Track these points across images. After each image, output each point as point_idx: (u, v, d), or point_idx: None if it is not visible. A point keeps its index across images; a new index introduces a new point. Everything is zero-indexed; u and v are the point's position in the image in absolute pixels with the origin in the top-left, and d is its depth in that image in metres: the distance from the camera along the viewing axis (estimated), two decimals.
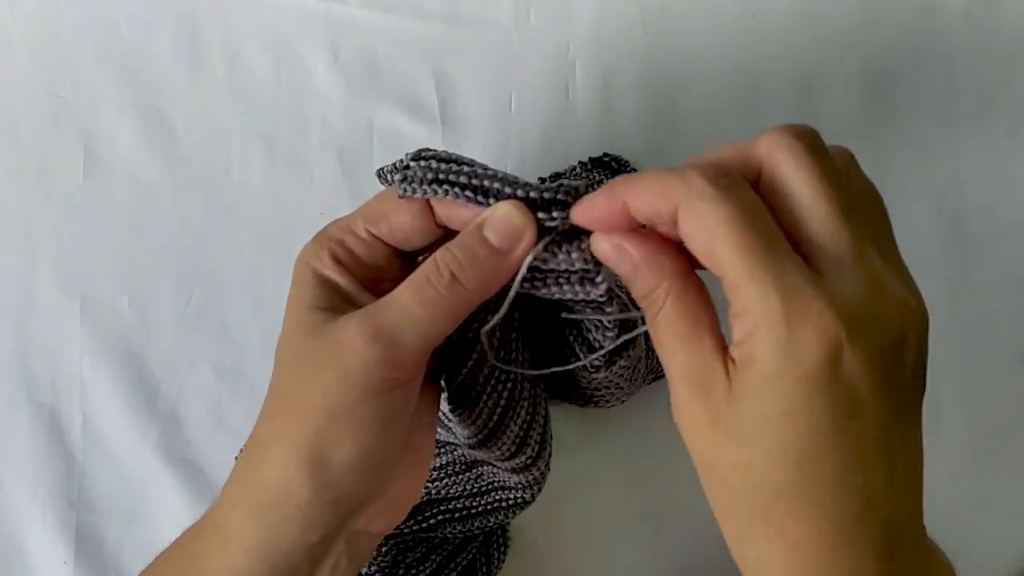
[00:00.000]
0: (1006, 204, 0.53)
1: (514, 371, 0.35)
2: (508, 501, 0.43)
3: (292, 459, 0.29)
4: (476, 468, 0.44)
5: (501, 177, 0.30)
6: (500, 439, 0.36)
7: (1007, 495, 0.50)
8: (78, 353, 0.50)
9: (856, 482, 0.26)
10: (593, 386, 0.41)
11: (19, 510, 0.48)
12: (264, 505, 0.29)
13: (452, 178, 0.30)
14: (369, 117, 0.53)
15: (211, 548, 0.30)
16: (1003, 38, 0.54)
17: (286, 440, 0.29)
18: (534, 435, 0.37)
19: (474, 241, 0.29)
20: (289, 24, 0.54)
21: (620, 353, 0.36)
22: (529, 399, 0.36)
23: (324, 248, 0.31)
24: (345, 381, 0.28)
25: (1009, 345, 0.51)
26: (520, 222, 0.29)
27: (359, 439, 0.29)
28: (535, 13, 0.54)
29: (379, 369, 0.28)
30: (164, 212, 0.52)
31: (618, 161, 0.51)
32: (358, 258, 0.31)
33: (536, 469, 0.39)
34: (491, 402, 0.34)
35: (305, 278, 0.31)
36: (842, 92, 0.53)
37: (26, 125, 0.53)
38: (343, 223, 0.32)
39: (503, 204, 0.29)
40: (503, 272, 0.29)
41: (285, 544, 0.29)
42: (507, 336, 0.34)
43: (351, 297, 0.31)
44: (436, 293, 0.29)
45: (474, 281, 0.29)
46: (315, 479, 0.29)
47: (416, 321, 0.29)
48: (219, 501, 0.31)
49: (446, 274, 0.29)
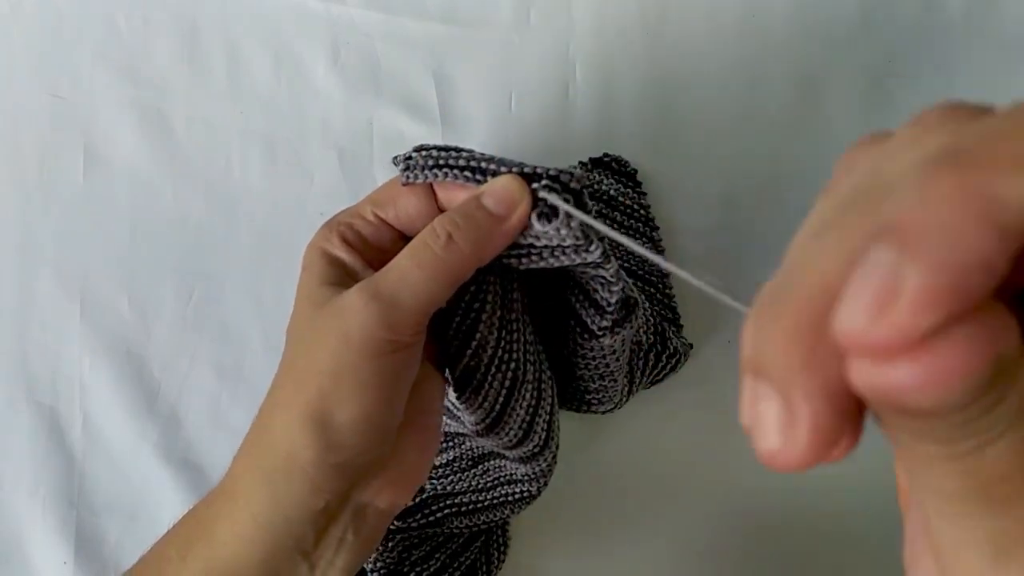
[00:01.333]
0: None
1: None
2: (514, 495, 0.43)
3: (297, 421, 0.30)
4: (483, 463, 0.44)
5: (498, 160, 0.31)
6: (507, 423, 0.36)
7: None
8: (78, 353, 0.50)
9: None
10: (591, 372, 0.41)
11: (19, 510, 0.48)
12: (271, 469, 0.30)
13: (452, 162, 0.31)
14: (369, 117, 0.53)
15: (221, 513, 0.31)
16: (1003, 38, 0.54)
17: (292, 404, 0.30)
18: (540, 421, 0.38)
19: (472, 207, 0.30)
20: (289, 24, 0.54)
21: (626, 320, 0.37)
22: (534, 383, 0.37)
23: (333, 231, 0.33)
24: (347, 343, 0.29)
25: None
26: (516, 190, 0.30)
27: (361, 399, 0.30)
28: (535, 13, 0.54)
29: (378, 329, 0.29)
30: (164, 212, 0.52)
31: (618, 161, 0.51)
32: (365, 239, 0.33)
33: (543, 459, 0.40)
34: (496, 383, 0.35)
35: (314, 259, 0.32)
36: (842, 92, 0.53)
37: (26, 125, 0.53)
38: (352, 209, 0.34)
39: (502, 176, 0.31)
40: (498, 237, 0.30)
41: (291, 509, 0.30)
42: (508, 316, 0.34)
43: (357, 274, 0.32)
44: (433, 255, 0.30)
45: (470, 242, 0.30)
46: (320, 440, 0.29)
47: (413, 282, 0.30)
48: (230, 470, 0.32)
49: (443, 235, 0.30)
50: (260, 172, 0.52)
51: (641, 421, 0.49)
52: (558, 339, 0.40)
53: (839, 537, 0.48)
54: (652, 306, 0.48)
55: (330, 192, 0.52)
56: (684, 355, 0.48)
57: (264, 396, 0.33)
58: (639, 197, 0.50)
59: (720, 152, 0.52)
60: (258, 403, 0.49)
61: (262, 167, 0.52)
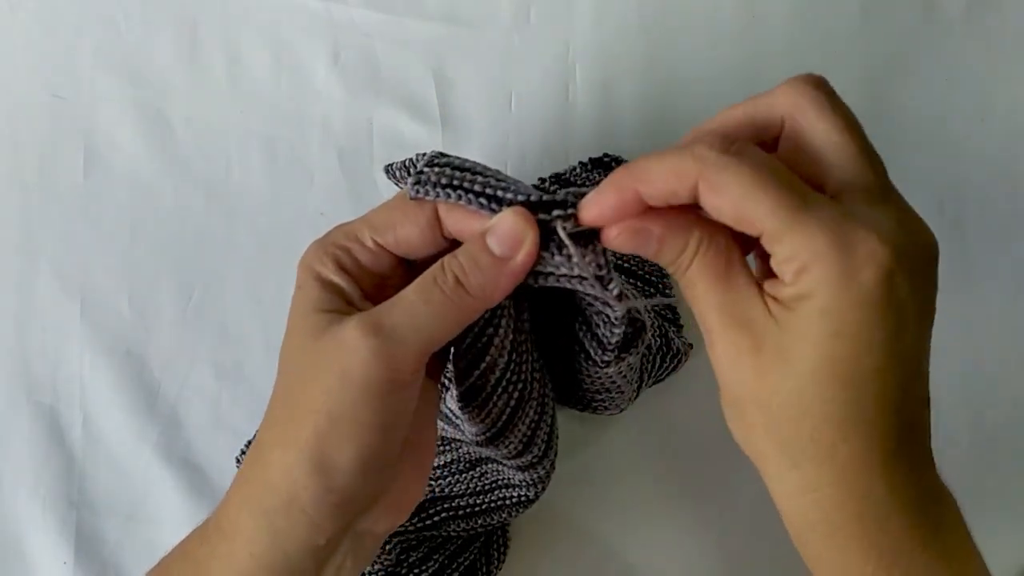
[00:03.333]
0: (1006, 204, 0.53)
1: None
2: (512, 499, 0.43)
3: (296, 463, 0.29)
4: (480, 466, 0.44)
5: (513, 187, 0.30)
6: (508, 438, 0.36)
7: (1007, 495, 0.50)
8: (78, 353, 0.50)
9: (900, 400, 0.27)
10: (596, 387, 0.41)
11: (19, 510, 0.48)
12: (270, 509, 0.29)
13: (466, 185, 0.30)
14: (369, 117, 0.53)
15: (217, 553, 0.30)
16: (1003, 38, 0.54)
17: (290, 443, 0.29)
18: (541, 435, 0.37)
19: (477, 249, 0.29)
20: (289, 24, 0.54)
21: (628, 349, 0.37)
22: (538, 399, 0.36)
23: (328, 255, 0.31)
24: (345, 381, 0.28)
25: (1009, 345, 0.51)
26: (520, 229, 0.29)
27: (361, 442, 0.29)
28: (535, 13, 0.54)
29: (378, 367, 0.28)
30: (164, 212, 0.52)
31: (618, 161, 0.51)
32: (363, 266, 0.31)
33: (541, 468, 0.39)
34: (501, 403, 0.34)
35: (309, 282, 0.31)
36: (842, 92, 0.53)
37: (26, 125, 0.53)
38: (348, 230, 0.32)
39: (506, 212, 0.29)
40: (506, 279, 0.30)
41: (292, 548, 0.29)
42: (519, 338, 0.34)
43: (355, 302, 0.31)
44: (442, 294, 0.29)
45: (477, 287, 0.29)
46: (319, 483, 0.29)
47: (419, 319, 0.29)
48: (224, 506, 0.31)
49: (450, 278, 0.29)
50: (260, 172, 0.52)
51: (642, 421, 0.49)
52: (565, 352, 0.39)
53: None
54: (652, 306, 0.48)
55: (330, 192, 0.52)
56: (685, 355, 0.48)
57: (264, 395, 0.32)
58: None
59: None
60: (258, 403, 0.49)
61: (262, 167, 0.52)
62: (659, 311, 0.48)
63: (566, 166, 0.51)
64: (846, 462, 0.28)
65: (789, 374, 0.27)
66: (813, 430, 0.27)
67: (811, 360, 0.27)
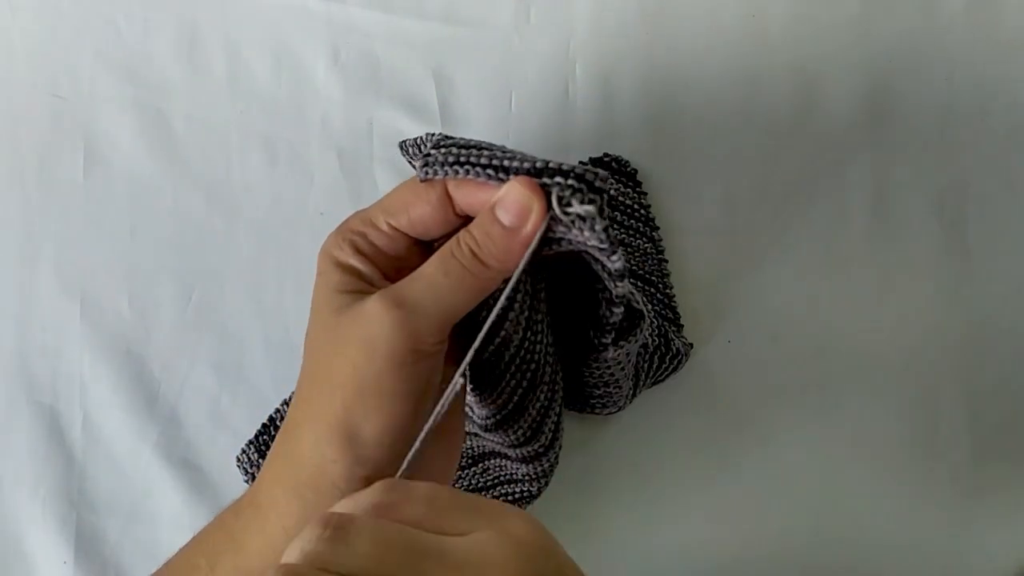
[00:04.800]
0: (1006, 204, 0.53)
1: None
2: (514, 495, 0.43)
3: (325, 436, 0.30)
4: (483, 462, 0.44)
5: (520, 156, 0.30)
6: (518, 422, 0.36)
7: (1007, 495, 0.50)
8: (78, 353, 0.50)
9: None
10: (595, 380, 0.41)
11: (19, 510, 0.48)
12: (301, 483, 0.31)
13: (472, 159, 0.30)
14: (369, 117, 0.53)
15: (251, 526, 0.32)
16: (1003, 38, 0.54)
17: (318, 418, 0.30)
18: (549, 422, 0.38)
19: (488, 222, 0.30)
20: (289, 24, 0.54)
21: (626, 336, 0.37)
22: (549, 384, 0.36)
23: (346, 240, 0.32)
24: (369, 353, 0.29)
25: (1009, 345, 0.51)
26: (527, 198, 0.29)
27: (387, 411, 0.30)
28: (535, 13, 0.54)
29: (401, 338, 0.29)
30: (164, 212, 0.52)
31: (618, 161, 0.51)
32: (379, 249, 0.32)
33: (546, 460, 0.39)
34: (513, 382, 0.34)
35: (328, 267, 0.32)
36: (842, 92, 0.53)
37: (26, 125, 0.53)
38: (364, 216, 0.33)
39: (512, 183, 0.30)
40: (518, 247, 0.30)
41: None
42: (535, 317, 0.34)
43: (374, 283, 0.32)
44: (460, 266, 0.30)
45: (492, 258, 0.30)
46: (348, 454, 0.30)
47: (439, 290, 0.30)
48: (258, 482, 0.33)
49: (466, 250, 0.30)
50: (260, 172, 0.52)
51: (641, 421, 0.49)
52: (567, 343, 0.39)
53: (838, 537, 0.48)
54: (653, 306, 0.48)
55: (330, 192, 0.52)
56: (685, 355, 0.48)
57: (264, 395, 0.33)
58: (639, 197, 0.50)
59: (720, 152, 0.52)
60: (258, 403, 0.49)
61: (262, 167, 0.52)
62: (659, 311, 0.48)
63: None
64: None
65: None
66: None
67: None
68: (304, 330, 0.47)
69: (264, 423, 0.48)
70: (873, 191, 0.52)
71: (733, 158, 0.52)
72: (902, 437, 0.50)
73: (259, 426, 0.48)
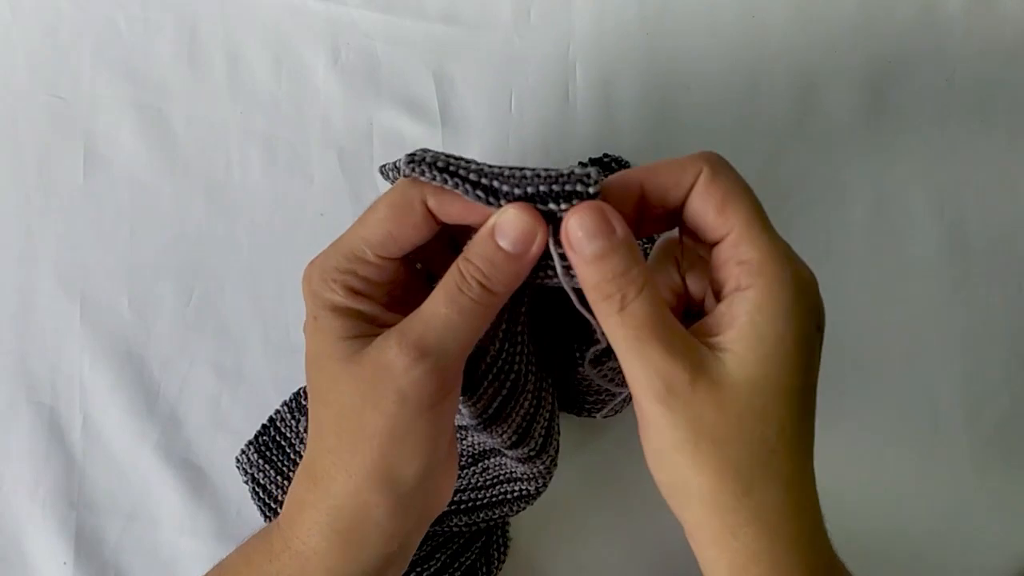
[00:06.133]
0: (1006, 205, 0.53)
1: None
2: (514, 493, 0.43)
3: (364, 486, 0.31)
4: (483, 461, 0.44)
5: (508, 176, 0.29)
6: (501, 427, 0.36)
7: (1007, 495, 0.50)
8: (78, 353, 0.50)
9: (811, 410, 0.31)
10: (585, 385, 0.41)
11: (19, 510, 0.48)
12: (344, 530, 0.31)
13: (462, 172, 0.29)
14: (369, 117, 0.53)
15: (289, 570, 0.32)
16: (1003, 38, 0.54)
17: (355, 469, 0.31)
18: (538, 427, 0.38)
19: (491, 250, 0.29)
20: (289, 24, 0.54)
21: (609, 355, 0.36)
22: (534, 392, 0.36)
23: (336, 282, 0.31)
24: (401, 402, 0.30)
25: (1009, 345, 0.51)
26: (529, 225, 0.29)
27: (422, 451, 0.31)
28: (535, 13, 0.54)
29: (431, 384, 0.30)
30: (164, 212, 0.52)
31: (618, 161, 0.51)
32: (372, 282, 0.32)
33: (541, 462, 0.39)
34: (492, 390, 0.35)
35: (324, 313, 0.31)
36: (842, 92, 0.53)
37: (26, 125, 0.53)
38: (347, 251, 0.31)
39: (509, 210, 0.29)
40: (524, 270, 0.30)
41: (366, 557, 0.32)
42: (513, 329, 0.34)
43: (377, 319, 0.31)
44: (470, 301, 0.30)
45: (500, 284, 0.30)
46: (391, 498, 0.31)
47: (456, 330, 0.30)
48: (288, 528, 0.33)
49: (474, 284, 0.30)
50: (260, 172, 0.52)
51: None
52: (561, 351, 0.39)
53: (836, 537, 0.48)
54: None
55: (330, 192, 0.52)
56: None
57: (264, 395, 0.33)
58: None
59: (719, 151, 0.52)
60: (258, 403, 0.49)
61: (262, 167, 0.52)
62: None
63: (565, 166, 0.51)
64: (790, 479, 0.30)
65: (754, 396, 0.29)
66: (769, 451, 0.29)
67: (770, 381, 0.29)
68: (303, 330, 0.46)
69: (264, 423, 0.48)
70: (873, 191, 0.52)
71: (733, 158, 0.51)
72: (902, 437, 0.50)
73: (259, 426, 0.48)
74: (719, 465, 0.29)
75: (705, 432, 0.29)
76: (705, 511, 0.30)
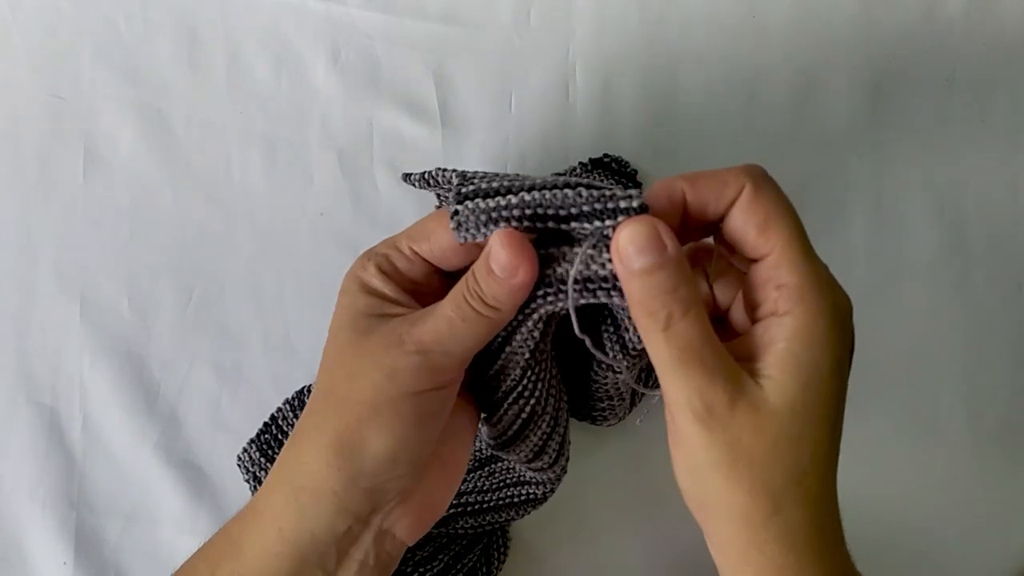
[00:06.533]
0: (1006, 205, 0.53)
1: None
2: (521, 497, 0.44)
3: (330, 446, 0.31)
4: (490, 465, 0.44)
5: (550, 200, 0.30)
6: (519, 447, 0.37)
7: (1007, 495, 0.50)
8: (78, 353, 0.50)
9: (840, 435, 0.32)
10: (600, 394, 0.41)
11: (19, 510, 0.48)
12: (300, 488, 0.31)
13: (505, 214, 0.30)
14: (369, 117, 0.53)
15: (248, 529, 0.33)
16: (1003, 38, 0.54)
17: (328, 429, 0.31)
18: (553, 444, 0.38)
19: (484, 272, 0.31)
20: (289, 24, 0.54)
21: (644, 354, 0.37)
22: (552, 414, 0.37)
23: (371, 260, 0.33)
24: (393, 380, 0.31)
25: (1009, 345, 0.51)
26: (505, 258, 0.30)
27: (397, 432, 0.31)
28: (535, 13, 0.54)
29: (426, 374, 0.31)
30: (164, 212, 0.52)
31: (618, 162, 0.51)
32: (400, 271, 0.33)
33: (552, 472, 0.40)
34: (511, 413, 0.35)
35: (353, 288, 0.33)
36: (842, 92, 0.53)
37: (26, 125, 0.53)
38: (390, 240, 0.34)
39: (494, 240, 0.30)
40: (517, 292, 0.31)
41: (317, 527, 0.31)
42: (537, 357, 0.34)
43: (397, 302, 0.33)
44: (473, 311, 0.31)
45: (498, 303, 0.31)
46: (350, 466, 0.31)
47: (459, 334, 0.31)
48: (261, 489, 0.33)
49: (476, 297, 0.31)
50: (260, 172, 0.52)
51: (642, 427, 0.49)
52: (577, 358, 0.39)
53: None
54: None
55: (330, 192, 0.52)
56: None
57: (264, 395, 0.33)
58: None
59: (720, 152, 0.52)
60: (258, 403, 0.49)
61: (262, 167, 0.52)
62: None
63: (566, 166, 0.51)
64: (817, 499, 0.31)
65: (794, 421, 0.29)
66: (801, 473, 0.30)
67: (808, 405, 0.29)
68: (304, 330, 0.47)
69: (265, 423, 0.48)
70: (873, 191, 0.52)
71: (733, 158, 0.51)
72: (902, 436, 0.50)
73: (259, 426, 0.48)
74: (752, 486, 0.30)
75: (742, 454, 0.29)
76: (733, 527, 0.31)
